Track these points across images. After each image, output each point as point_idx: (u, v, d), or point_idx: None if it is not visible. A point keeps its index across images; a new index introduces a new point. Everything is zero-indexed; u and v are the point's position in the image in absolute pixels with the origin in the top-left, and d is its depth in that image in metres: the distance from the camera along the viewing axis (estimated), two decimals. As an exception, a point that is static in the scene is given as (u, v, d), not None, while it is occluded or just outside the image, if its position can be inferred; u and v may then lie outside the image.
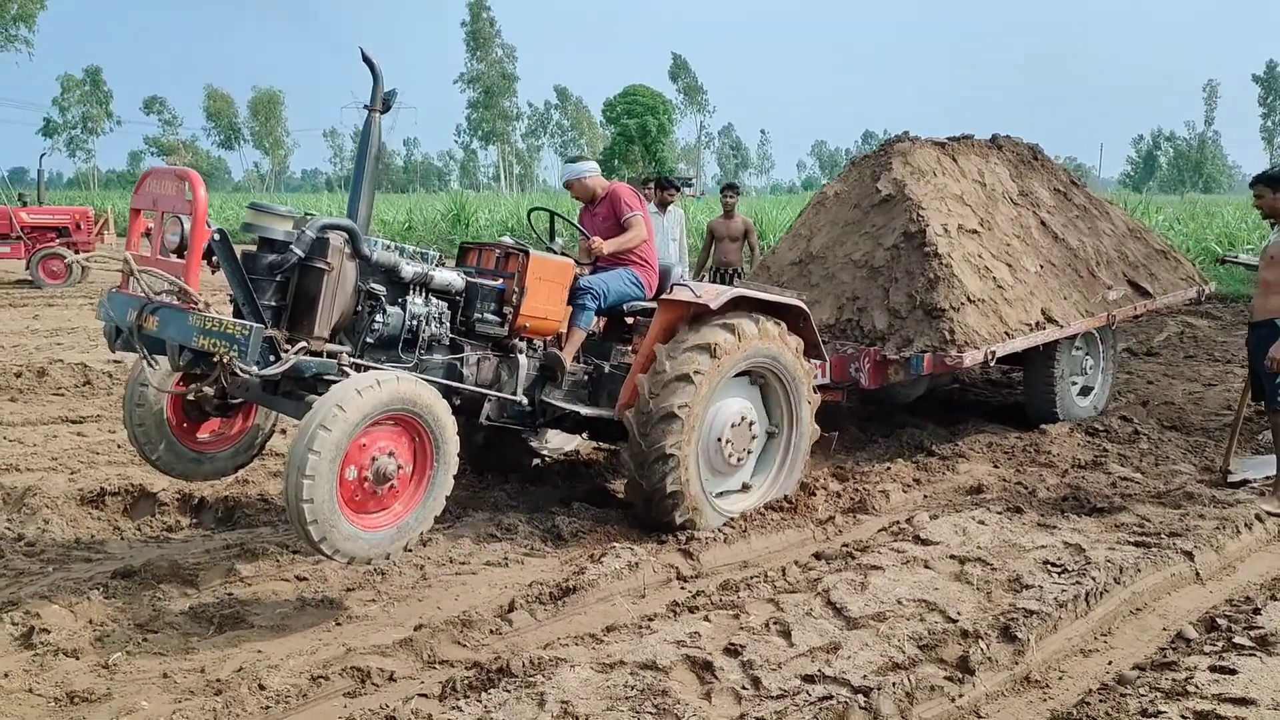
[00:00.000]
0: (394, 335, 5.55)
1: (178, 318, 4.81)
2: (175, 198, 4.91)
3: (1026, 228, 9.08)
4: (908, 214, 8.31)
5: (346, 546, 4.61)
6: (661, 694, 4.09)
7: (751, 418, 6.50)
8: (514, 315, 6.06)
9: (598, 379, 6.63)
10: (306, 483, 4.39)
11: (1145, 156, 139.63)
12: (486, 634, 4.79)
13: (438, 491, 4.97)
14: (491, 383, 6.07)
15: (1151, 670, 4.44)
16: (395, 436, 4.82)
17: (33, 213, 21.43)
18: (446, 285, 5.79)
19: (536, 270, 6.08)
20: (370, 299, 5.45)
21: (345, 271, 5.28)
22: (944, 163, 9.02)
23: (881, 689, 4.08)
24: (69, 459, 7.58)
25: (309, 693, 4.19)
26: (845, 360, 7.79)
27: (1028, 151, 10.18)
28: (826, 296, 8.48)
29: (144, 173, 5.26)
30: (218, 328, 4.68)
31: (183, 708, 4.03)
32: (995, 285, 8.16)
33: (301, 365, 4.98)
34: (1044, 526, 6.25)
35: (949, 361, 7.55)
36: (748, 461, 6.61)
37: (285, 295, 5.17)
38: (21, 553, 5.78)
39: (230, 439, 5.87)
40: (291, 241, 5.08)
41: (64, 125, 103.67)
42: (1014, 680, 4.40)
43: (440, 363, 5.82)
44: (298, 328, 5.18)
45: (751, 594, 5.18)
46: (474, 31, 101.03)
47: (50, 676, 4.32)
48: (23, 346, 12.99)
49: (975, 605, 5.02)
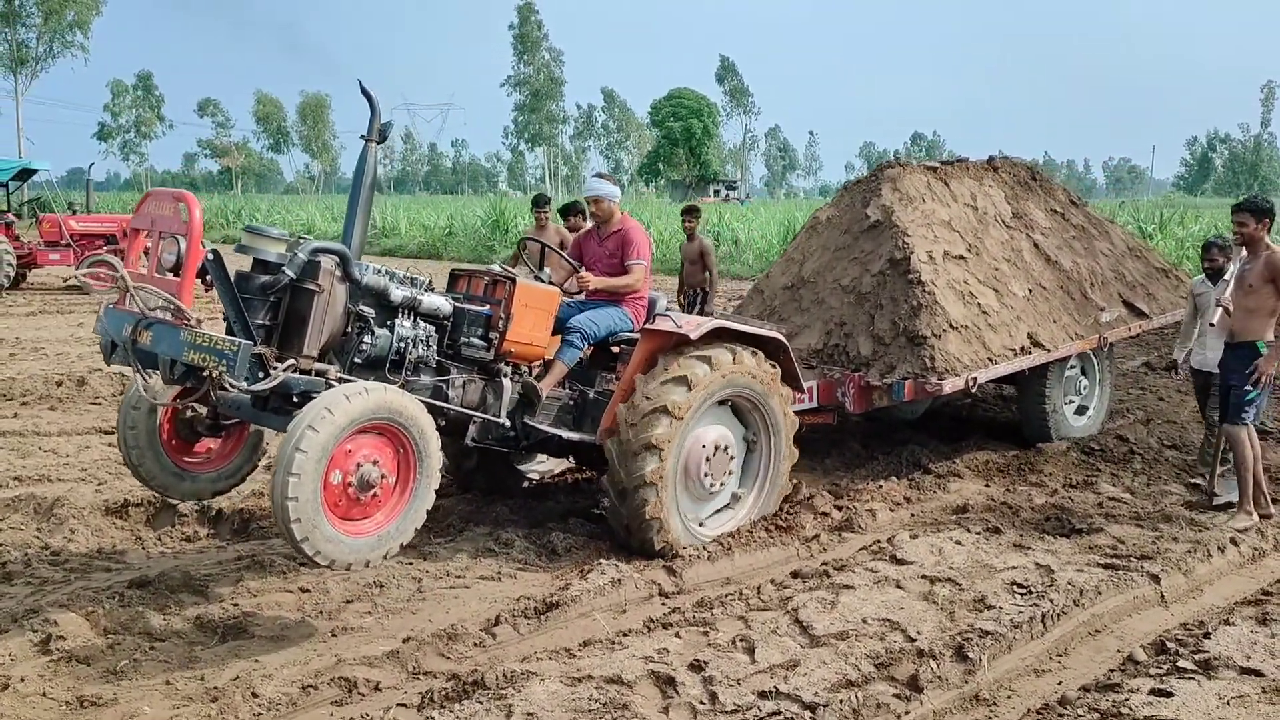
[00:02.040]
0: (381, 356, 5.75)
1: (170, 333, 5.04)
2: (172, 219, 5.14)
3: (1018, 250, 9.18)
4: (894, 240, 8.44)
5: (327, 549, 4.74)
6: (622, 708, 4.37)
7: (730, 445, 6.72)
8: (499, 340, 6.26)
9: (582, 404, 6.86)
10: (292, 481, 4.54)
11: (1200, 159, 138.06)
12: (470, 647, 5.08)
13: (419, 504, 5.12)
14: (476, 405, 6.26)
15: (1095, 691, 4.65)
16: (380, 446, 4.97)
17: (82, 220, 22.11)
18: (434, 309, 6.00)
19: (523, 298, 6.29)
20: (359, 320, 5.65)
21: (335, 293, 5.50)
22: (934, 187, 9.13)
23: (829, 705, 4.34)
24: (98, 469, 7.98)
25: (298, 701, 4.51)
26: (832, 385, 7.97)
27: (1025, 173, 10.24)
28: (815, 321, 8.63)
29: (144, 194, 5.51)
30: (208, 343, 4.92)
31: (180, 713, 4.36)
32: (979, 311, 8.29)
33: (290, 382, 5.17)
34: (1019, 547, 6.46)
35: (929, 389, 7.71)
36: (726, 487, 6.82)
37: (277, 315, 5.39)
38: (47, 562, 6.16)
39: (215, 463, 6.05)
40: (284, 263, 5.32)
41: (117, 129, 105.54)
42: (963, 698, 4.63)
43: (426, 384, 6.00)
44: (288, 347, 5.39)
45: (724, 611, 5.45)
46: (522, 35, 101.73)
47: (63, 681, 4.67)
48: (65, 355, 13.50)
49: (936, 625, 5.26)
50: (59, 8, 65.90)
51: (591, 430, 6.61)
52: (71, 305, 19.19)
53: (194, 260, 5.05)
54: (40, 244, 21.71)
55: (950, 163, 9.74)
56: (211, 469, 6.01)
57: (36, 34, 67.92)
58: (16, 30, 67.11)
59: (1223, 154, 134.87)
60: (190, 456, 5.96)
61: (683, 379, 6.25)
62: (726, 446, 6.68)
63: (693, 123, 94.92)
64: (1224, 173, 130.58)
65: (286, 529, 4.65)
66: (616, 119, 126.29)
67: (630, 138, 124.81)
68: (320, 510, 4.71)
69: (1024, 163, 10.41)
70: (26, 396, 10.66)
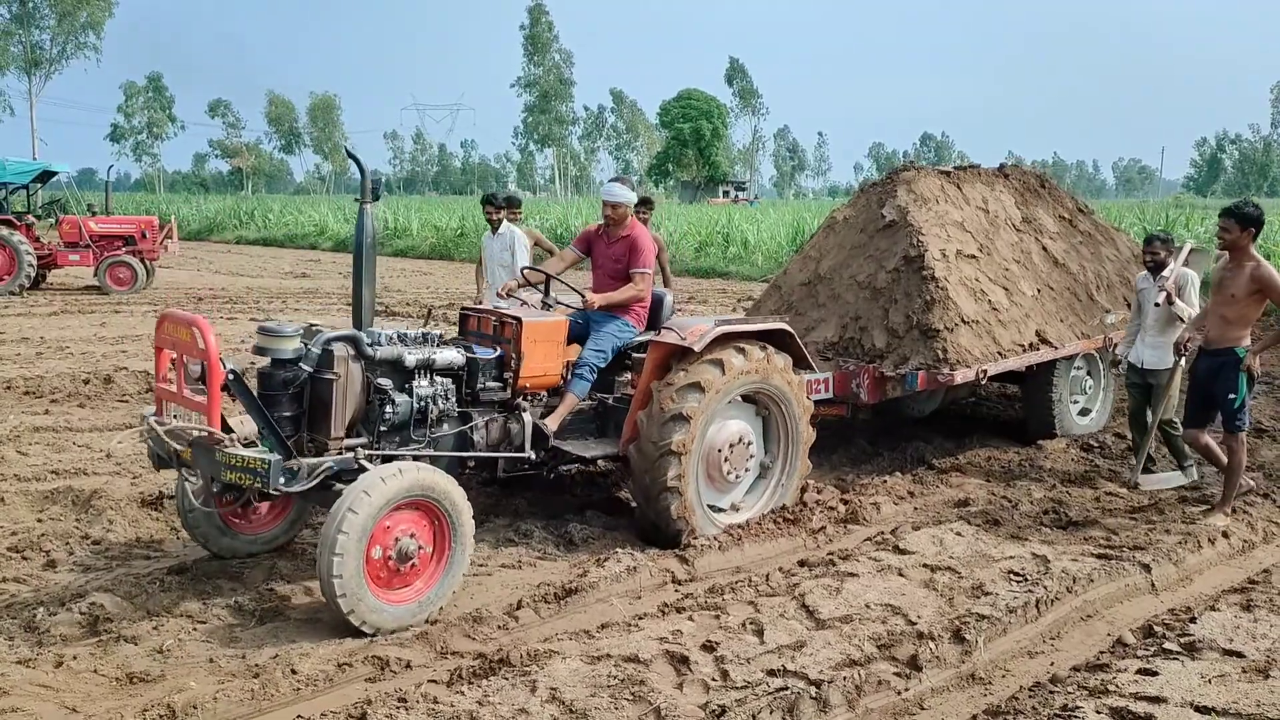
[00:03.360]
0: (405, 420, 6.04)
1: (207, 454, 5.42)
2: (190, 344, 5.44)
3: (1027, 253, 9.51)
4: (908, 239, 8.77)
5: (372, 618, 5.23)
6: (639, 683, 4.66)
7: (749, 438, 7.02)
8: (514, 379, 6.57)
9: (603, 413, 7.22)
10: (336, 560, 5.03)
11: (1209, 159, 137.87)
12: (495, 629, 5.37)
13: (455, 569, 5.58)
14: (500, 441, 6.58)
15: (1085, 671, 4.93)
16: (416, 520, 5.44)
17: (101, 222, 22.49)
18: (449, 364, 6.27)
19: (531, 334, 6.58)
20: (379, 393, 5.93)
21: (352, 375, 5.79)
22: (947, 190, 9.47)
23: (833, 682, 4.62)
24: (131, 464, 8.29)
25: (334, 678, 4.79)
26: (847, 376, 8.27)
27: (1035, 180, 10.63)
28: (831, 316, 8.96)
29: (161, 315, 5.81)
30: (242, 464, 5.28)
31: (225, 688, 4.64)
32: (990, 308, 8.61)
33: (322, 469, 5.51)
34: (1017, 538, 6.75)
35: (941, 379, 8.01)
36: (747, 476, 7.14)
37: (301, 403, 5.76)
38: (89, 550, 6.47)
39: (257, 527, 6.44)
40: (300, 358, 5.69)
41: (129, 130, 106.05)
42: (959, 677, 4.91)
43: (451, 435, 6.31)
44: (317, 429, 5.76)
45: (735, 596, 5.74)
46: (532, 36, 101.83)
47: (112, 660, 4.96)
48: (90, 354, 13.83)
49: (935, 610, 5.55)
50: (72, 9, 66.36)
51: (614, 438, 6.92)
52: (93, 305, 19.54)
53: (215, 381, 5.35)
54: (60, 245, 22.10)
55: (963, 168, 10.09)
56: (252, 532, 6.39)
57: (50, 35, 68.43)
58: (30, 32, 67.61)
59: (1232, 155, 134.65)
60: (238, 516, 6.32)
61: (696, 385, 6.51)
62: (745, 439, 6.97)
63: (702, 124, 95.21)
64: (1234, 174, 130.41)
65: (334, 602, 5.14)
66: (626, 120, 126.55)
67: (640, 138, 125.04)
68: (364, 584, 5.19)
69: (1033, 171, 10.83)
70: (56, 394, 10.98)
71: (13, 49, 66.75)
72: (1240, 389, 7.09)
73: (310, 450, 5.71)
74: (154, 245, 22.54)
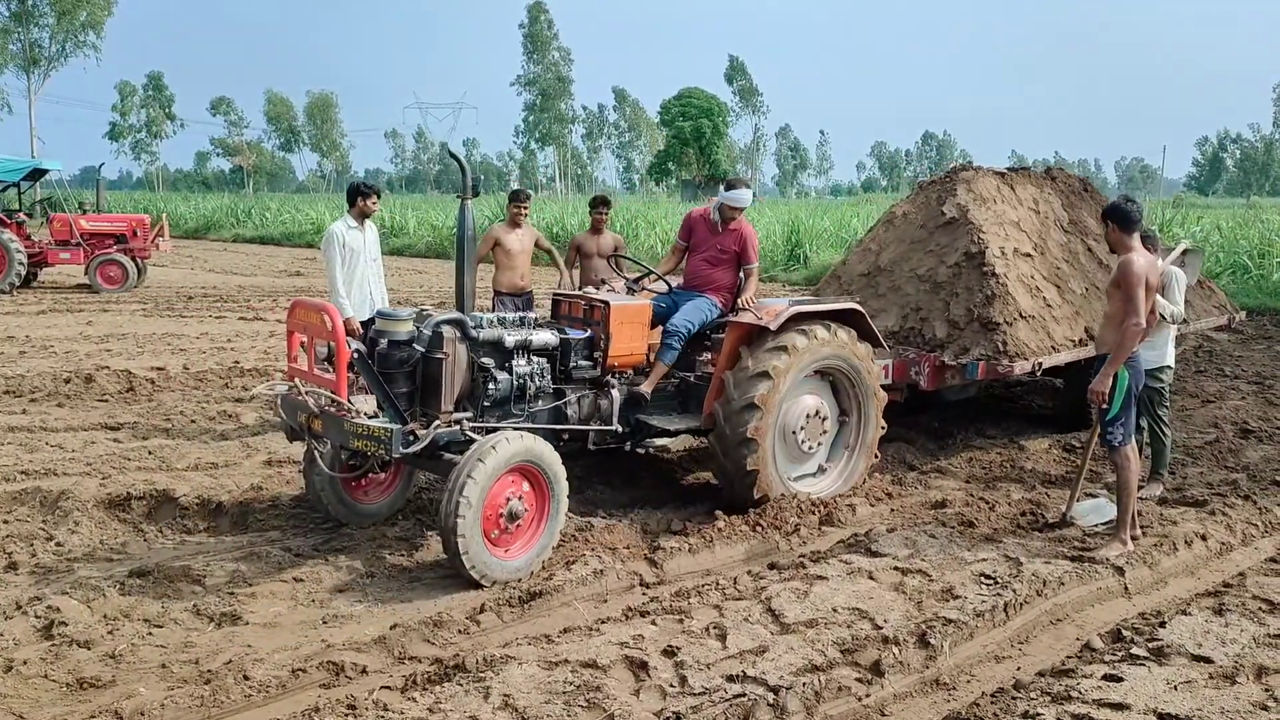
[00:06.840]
0: (506, 395, 6.65)
1: (336, 423, 6.06)
2: (319, 327, 6.11)
3: (1075, 253, 9.87)
4: (969, 236, 9.14)
5: (490, 572, 5.83)
6: (595, 690, 4.58)
7: (824, 411, 7.55)
8: (603, 358, 7.20)
9: (685, 390, 7.71)
10: (460, 518, 5.62)
11: (1211, 159, 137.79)
12: (455, 633, 5.29)
13: (554, 526, 6.21)
14: (590, 415, 7.18)
15: (1050, 676, 4.85)
16: (521, 484, 6.06)
17: (92, 220, 22.41)
18: (544, 344, 6.89)
19: (618, 317, 7.23)
20: (482, 371, 6.55)
21: (459, 355, 6.42)
22: (1003, 191, 9.85)
23: (792, 688, 4.54)
24: (102, 464, 8.20)
25: (288, 684, 4.72)
26: (907, 364, 8.60)
27: (1078, 183, 11.06)
28: (892, 306, 9.33)
29: (293, 302, 6.53)
30: (367, 431, 5.90)
31: (174, 694, 4.56)
32: (1045, 304, 8.96)
33: (435, 438, 6.11)
34: (990, 541, 6.67)
35: (1001, 370, 8.32)
36: (820, 449, 7.64)
37: (415, 380, 6.38)
38: (51, 552, 6.39)
39: (376, 496, 7.15)
40: (413, 339, 6.30)
41: (128, 129, 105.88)
42: (923, 682, 4.84)
43: (546, 409, 6.92)
44: (429, 404, 6.37)
45: (701, 600, 5.66)
46: (532, 34, 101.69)
47: (64, 665, 4.89)
48: (74, 352, 13.76)
49: (902, 614, 5.46)
50: (71, 8, 66.15)
51: (697, 410, 7.47)
52: (81, 304, 19.46)
53: (343, 360, 6.00)
54: (51, 243, 22.04)
55: (1015, 170, 10.46)
56: (366, 503, 7.08)
57: (50, 34, 68.20)
58: (29, 30, 67.40)
59: (1234, 154, 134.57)
60: (356, 486, 7.03)
61: (782, 348, 7.12)
62: (820, 413, 7.51)
63: (702, 122, 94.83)
64: (1235, 173, 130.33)
65: (457, 558, 5.74)
66: (628, 118, 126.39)
67: (642, 137, 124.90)
68: (481, 542, 5.80)
69: (1076, 175, 11.22)
70: (35, 393, 10.91)
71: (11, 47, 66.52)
72: (1115, 399, 6.58)
73: (422, 423, 6.24)
74: (145, 244, 22.46)
